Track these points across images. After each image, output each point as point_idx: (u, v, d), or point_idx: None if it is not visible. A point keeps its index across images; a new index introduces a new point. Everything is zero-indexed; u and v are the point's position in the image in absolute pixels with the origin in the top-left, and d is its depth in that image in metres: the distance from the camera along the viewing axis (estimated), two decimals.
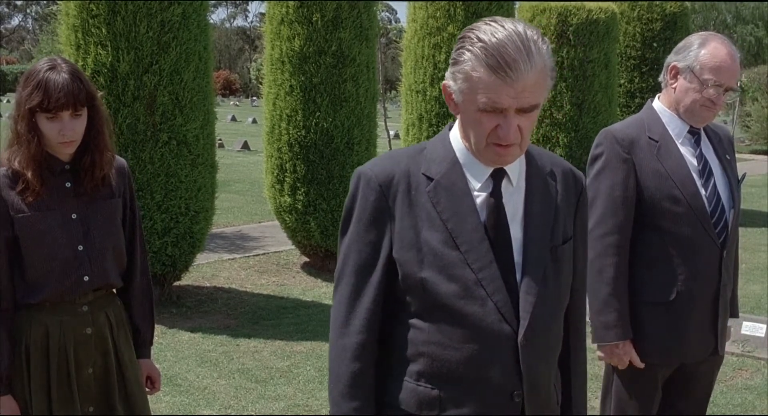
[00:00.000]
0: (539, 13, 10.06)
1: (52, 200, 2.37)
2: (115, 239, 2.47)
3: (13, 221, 2.32)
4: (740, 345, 5.65)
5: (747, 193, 14.42)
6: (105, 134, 2.41)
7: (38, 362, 2.37)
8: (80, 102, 2.29)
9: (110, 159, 2.44)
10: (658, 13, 11.40)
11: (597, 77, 10.06)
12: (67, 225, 2.37)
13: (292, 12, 7.19)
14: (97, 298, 2.46)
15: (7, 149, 2.37)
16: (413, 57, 8.55)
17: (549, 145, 10.12)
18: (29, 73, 2.31)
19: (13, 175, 2.33)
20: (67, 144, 2.33)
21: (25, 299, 2.37)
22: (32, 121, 2.29)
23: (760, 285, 7.70)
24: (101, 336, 2.45)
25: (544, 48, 1.64)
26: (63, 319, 2.39)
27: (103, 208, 2.44)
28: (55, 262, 2.36)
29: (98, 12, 5.71)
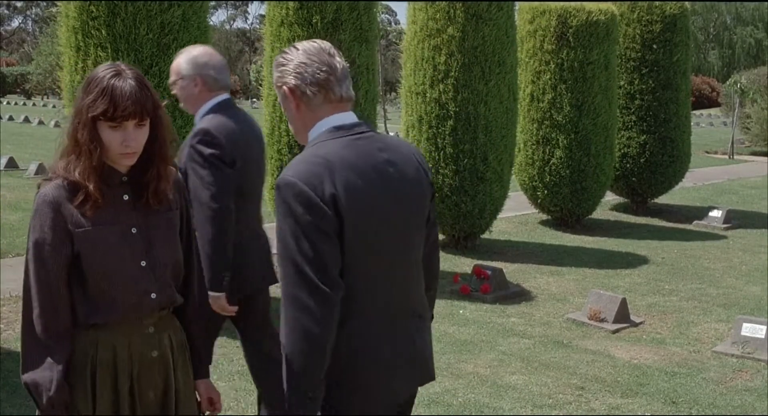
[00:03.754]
0: (539, 14, 10.07)
1: (111, 214, 2.22)
2: (176, 254, 2.36)
3: (72, 236, 2.18)
4: (740, 346, 5.65)
5: (747, 194, 14.43)
6: (168, 145, 2.29)
7: (106, 384, 2.24)
8: (146, 111, 2.16)
9: (172, 171, 2.33)
10: (657, 15, 11.40)
11: (597, 79, 10.06)
12: (128, 239, 2.24)
13: (292, 14, 7.19)
14: (162, 319, 2.33)
15: (63, 158, 2.21)
16: (413, 59, 8.56)
17: (549, 147, 10.13)
18: (91, 79, 2.17)
19: (71, 186, 2.18)
20: (129, 155, 2.19)
21: (89, 318, 2.22)
22: (94, 129, 2.15)
23: (760, 286, 7.70)
24: (164, 359, 2.33)
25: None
26: (132, 341, 2.26)
27: (163, 222, 2.32)
28: (120, 279, 2.22)
29: (98, 14, 5.71)
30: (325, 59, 2.23)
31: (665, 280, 7.90)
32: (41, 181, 2.24)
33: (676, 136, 11.59)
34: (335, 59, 2.24)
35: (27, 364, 2.21)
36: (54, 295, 2.18)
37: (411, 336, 2.33)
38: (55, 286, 2.18)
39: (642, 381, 5.10)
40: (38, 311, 2.17)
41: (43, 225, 2.17)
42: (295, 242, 2.09)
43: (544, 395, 4.82)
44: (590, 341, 5.91)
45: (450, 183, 8.38)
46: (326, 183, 2.10)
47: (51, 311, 2.18)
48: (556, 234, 10.19)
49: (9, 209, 10.56)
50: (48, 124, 27.60)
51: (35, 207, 2.20)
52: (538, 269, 8.23)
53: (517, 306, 6.79)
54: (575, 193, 10.17)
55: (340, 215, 2.11)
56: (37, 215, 2.18)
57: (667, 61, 11.43)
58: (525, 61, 10.10)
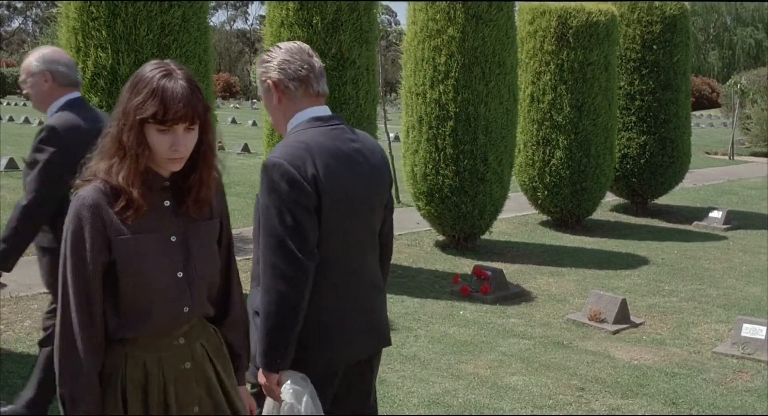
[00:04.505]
0: (539, 15, 10.07)
1: (151, 220, 2.10)
2: (215, 265, 2.24)
3: (111, 243, 2.06)
4: (740, 347, 5.65)
5: (747, 195, 14.43)
6: (213, 151, 2.16)
7: (137, 404, 2.12)
8: (197, 115, 2.04)
9: (215, 178, 2.19)
10: (657, 16, 11.40)
11: (597, 79, 10.06)
12: (167, 249, 2.12)
13: (292, 14, 7.19)
14: (192, 328, 2.21)
15: (104, 161, 2.08)
16: (413, 59, 8.56)
17: (549, 147, 10.13)
18: (139, 79, 2.07)
19: (112, 191, 2.05)
20: (176, 160, 2.07)
21: (118, 333, 2.10)
22: (141, 132, 2.03)
23: (760, 287, 7.70)
24: (201, 369, 2.20)
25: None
26: (161, 355, 2.13)
27: (203, 230, 2.20)
28: (155, 292, 2.10)
29: (98, 14, 5.71)
30: (305, 58, 2.54)
31: (665, 281, 7.90)
32: (78, 182, 2.12)
33: (676, 136, 11.59)
34: (313, 59, 2.56)
35: (63, 377, 2.08)
36: (91, 305, 2.07)
37: (371, 305, 2.64)
38: (93, 295, 2.07)
39: (642, 382, 5.10)
40: (77, 321, 2.05)
41: (82, 231, 2.04)
42: (279, 215, 2.37)
43: (545, 396, 4.82)
44: (590, 342, 5.90)
45: (450, 183, 8.38)
46: (308, 164, 2.39)
47: (88, 321, 2.06)
48: (556, 234, 10.19)
49: (9, 209, 10.54)
50: None
51: (73, 210, 2.06)
52: (538, 270, 8.23)
53: (517, 307, 6.79)
54: (575, 194, 10.17)
55: (318, 193, 2.40)
56: (75, 219, 2.05)
57: (667, 61, 11.43)
58: (525, 61, 10.10)
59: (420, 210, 8.89)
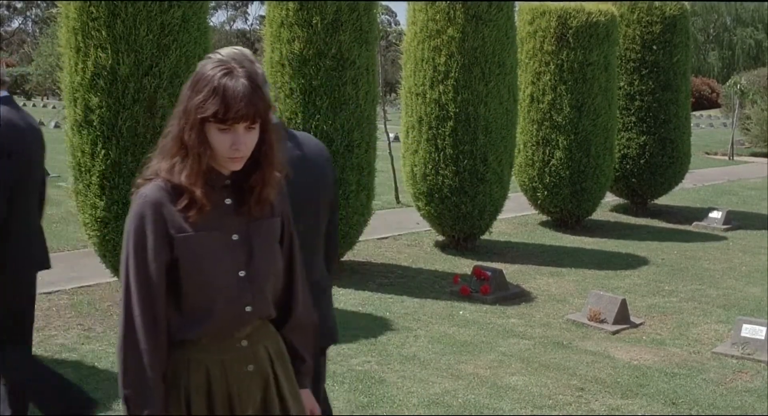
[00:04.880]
0: (539, 15, 10.07)
1: (213, 218, 2.08)
2: (276, 264, 2.20)
3: (173, 241, 2.05)
4: (740, 347, 5.65)
5: (747, 195, 14.43)
6: (275, 150, 2.13)
7: (200, 409, 2.09)
8: (258, 114, 2.01)
9: (277, 177, 2.17)
10: (657, 16, 11.40)
11: (597, 80, 10.06)
12: (229, 247, 2.10)
13: (292, 15, 7.19)
14: (255, 330, 2.17)
15: (166, 160, 2.07)
16: (413, 60, 8.56)
17: (549, 148, 10.13)
18: (199, 77, 2.04)
19: (174, 189, 2.04)
20: (237, 159, 2.05)
21: (180, 334, 2.08)
22: (202, 131, 2.01)
23: (760, 287, 7.70)
24: (262, 372, 2.17)
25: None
26: (224, 358, 2.11)
27: (265, 229, 2.17)
28: (217, 290, 2.08)
29: (98, 14, 5.71)
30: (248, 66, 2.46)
31: (665, 281, 7.90)
32: (139, 180, 2.11)
33: (675, 137, 11.59)
34: (255, 65, 2.46)
35: (127, 378, 2.04)
36: (154, 304, 2.04)
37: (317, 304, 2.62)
38: (156, 295, 2.04)
39: (642, 382, 5.10)
40: (140, 321, 2.03)
41: (144, 229, 2.04)
42: None
43: (544, 396, 4.82)
44: (590, 342, 5.90)
45: (450, 184, 8.38)
46: None
47: (153, 322, 2.04)
48: (556, 235, 10.18)
49: None
50: (48, 125, 27.57)
51: (135, 208, 2.07)
52: (537, 270, 8.23)
53: (516, 307, 6.79)
54: (575, 194, 10.17)
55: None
56: (137, 218, 2.05)
57: (667, 62, 11.43)
58: (525, 62, 10.10)
59: (420, 211, 8.89)
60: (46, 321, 5.91)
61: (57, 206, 10.85)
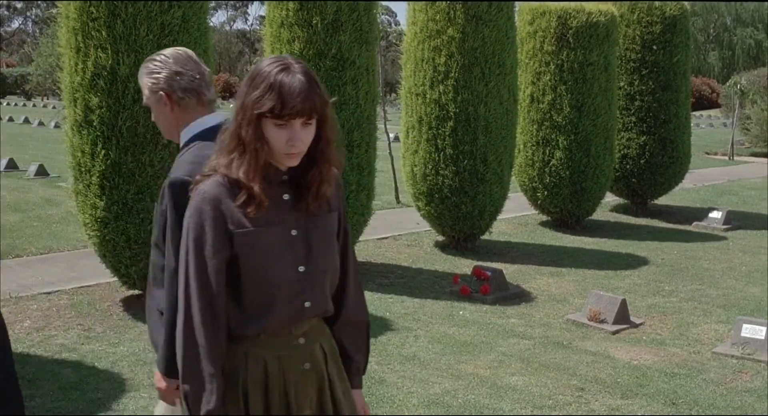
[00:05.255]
0: (539, 15, 10.07)
1: (271, 214, 2.08)
2: (334, 259, 2.20)
3: (232, 236, 2.04)
4: (740, 347, 5.65)
5: (747, 195, 14.43)
6: (332, 146, 2.12)
7: (258, 404, 2.08)
8: (315, 109, 2.01)
9: (334, 173, 2.16)
10: (657, 16, 11.40)
11: (597, 80, 10.06)
12: (288, 242, 2.09)
13: (292, 15, 7.19)
14: (311, 328, 2.17)
15: (224, 155, 2.07)
16: (413, 60, 8.56)
17: (549, 148, 10.13)
18: (256, 73, 2.03)
19: (232, 184, 2.05)
20: (293, 155, 2.04)
21: (240, 330, 2.08)
22: (259, 127, 2.01)
23: (759, 287, 7.70)
24: (318, 371, 2.17)
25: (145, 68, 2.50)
26: (281, 354, 2.11)
27: (323, 224, 2.17)
28: (277, 286, 2.07)
29: (98, 15, 5.71)
30: (194, 66, 2.55)
31: (665, 281, 7.90)
32: (198, 176, 2.10)
33: (675, 137, 11.59)
34: (201, 66, 2.54)
35: (186, 374, 2.05)
36: (215, 301, 2.04)
37: None
38: (216, 291, 2.04)
39: (642, 383, 5.10)
40: (199, 317, 2.03)
41: (203, 225, 2.04)
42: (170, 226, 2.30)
43: (544, 396, 4.82)
44: (590, 342, 5.90)
45: (450, 184, 8.38)
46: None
47: (212, 317, 2.04)
48: (556, 235, 10.18)
49: (9, 210, 10.55)
50: (48, 125, 27.61)
51: (193, 204, 2.06)
52: (537, 270, 8.23)
53: (516, 308, 6.79)
54: (575, 194, 10.17)
55: None
56: (196, 213, 2.05)
57: (667, 62, 11.43)
58: (525, 62, 10.10)
59: (420, 211, 8.89)
60: (46, 321, 5.91)
61: (57, 206, 10.85)
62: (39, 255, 8.23)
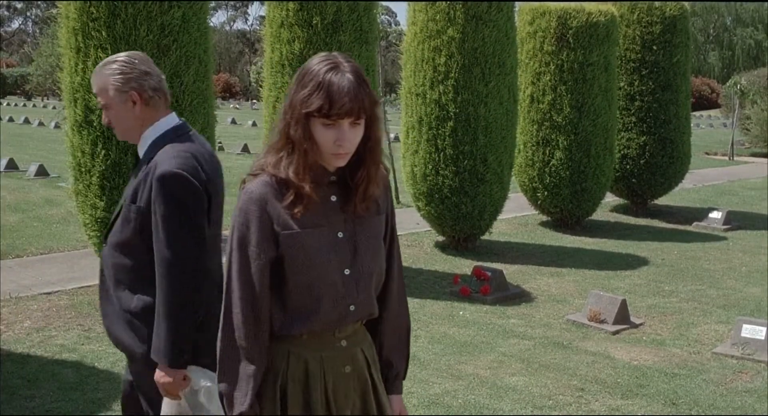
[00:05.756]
0: (539, 15, 10.07)
1: (318, 216, 2.05)
2: (381, 262, 2.17)
3: (278, 237, 2.02)
4: (740, 347, 5.65)
5: (747, 195, 14.43)
6: (380, 146, 2.11)
7: (297, 403, 2.07)
8: (363, 109, 1.98)
9: (382, 174, 2.15)
10: (657, 16, 11.41)
11: (597, 80, 10.06)
12: (334, 244, 2.07)
13: (292, 15, 7.19)
14: (354, 332, 2.15)
15: (272, 154, 2.05)
16: (413, 60, 8.56)
17: (549, 148, 10.13)
18: (305, 72, 2.00)
19: (280, 184, 2.02)
20: (341, 156, 2.01)
21: (284, 330, 2.06)
22: (307, 126, 1.98)
23: (760, 287, 7.70)
24: (360, 375, 2.15)
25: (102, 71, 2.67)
26: (324, 355, 2.09)
27: (370, 226, 2.14)
28: (322, 288, 2.04)
29: (98, 15, 5.71)
30: (156, 68, 2.70)
31: (665, 281, 7.90)
32: (246, 176, 2.09)
33: (675, 137, 11.59)
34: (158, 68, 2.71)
35: (223, 373, 2.05)
36: (257, 301, 2.02)
37: None
38: (258, 292, 2.02)
39: (642, 383, 5.10)
40: (241, 317, 2.02)
41: (249, 225, 2.02)
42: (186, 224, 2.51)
43: (544, 396, 4.82)
44: (590, 342, 5.90)
45: (450, 184, 8.38)
46: (200, 171, 2.57)
47: (253, 318, 2.02)
48: (556, 235, 10.19)
49: (9, 210, 10.55)
50: (48, 126, 27.61)
51: (240, 204, 2.04)
52: (538, 270, 8.23)
53: (517, 308, 6.79)
54: (575, 195, 10.17)
55: (209, 195, 2.60)
56: (242, 213, 2.03)
57: (667, 62, 11.43)
58: (525, 62, 10.10)
59: (420, 211, 8.89)
60: (46, 322, 5.91)
61: (57, 206, 10.85)
62: (39, 255, 8.23)
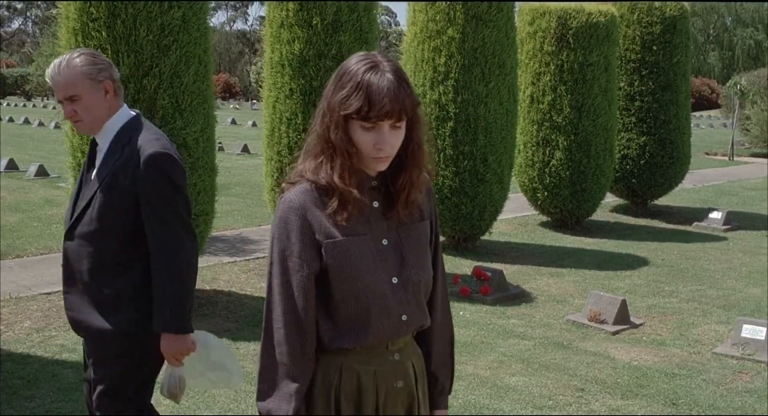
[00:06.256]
0: (539, 16, 10.08)
1: (361, 223, 1.96)
2: (428, 270, 2.07)
3: (321, 247, 1.92)
4: (740, 348, 5.65)
5: (747, 196, 14.43)
6: (423, 149, 1.99)
7: None
8: (404, 111, 1.87)
9: (425, 179, 2.05)
10: (657, 16, 11.41)
11: (597, 80, 10.06)
12: (380, 252, 1.97)
13: (292, 15, 7.19)
14: (405, 345, 2.06)
15: (310, 160, 1.95)
16: (413, 60, 8.56)
17: (549, 148, 10.13)
18: (344, 72, 1.91)
19: (320, 191, 1.92)
20: (381, 159, 1.91)
21: (335, 343, 1.96)
22: (346, 129, 1.89)
23: (760, 288, 7.70)
24: (410, 390, 2.06)
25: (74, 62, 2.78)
26: (377, 369, 1.99)
27: (415, 233, 2.05)
28: (371, 298, 1.94)
29: (98, 15, 5.70)
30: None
31: (665, 282, 7.90)
32: (284, 184, 1.99)
33: (675, 137, 11.59)
34: None
35: (263, 390, 1.95)
36: (300, 315, 1.92)
37: None
38: (301, 305, 1.92)
39: (642, 383, 5.10)
40: (282, 332, 1.92)
41: (289, 235, 1.92)
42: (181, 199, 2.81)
43: (544, 396, 4.82)
44: (590, 342, 5.90)
45: (450, 184, 8.39)
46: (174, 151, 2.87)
47: (296, 333, 1.92)
48: (556, 235, 10.19)
49: (9, 211, 10.56)
50: (48, 126, 27.61)
51: (279, 213, 1.94)
52: (538, 271, 8.23)
53: (517, 308, 6.79)
54: (575, 195, 10.17)
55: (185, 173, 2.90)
56: (281, 223, 1.93)
57: (667, 62, 11.44)
58: (525, 62, 10.10)
59: None
60: (46, 322, 5.91)
61: (57, 206, 10.85)
62: (39, 255, 8.23)
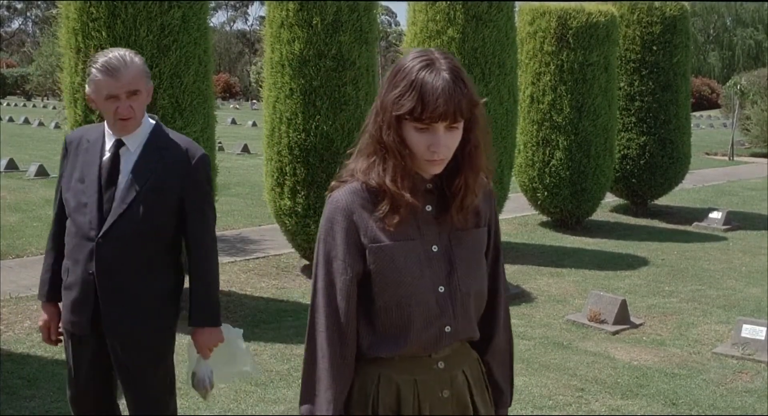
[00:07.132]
0: (539, 16, 10.08)
1: (411, 227, 1.87)
2: (481, 280, 1.97)
3: (366, 251, 1.85)
4: (740, 347, 5.65)
5: (747, 196, 14.43)
6: (481, 151, 1.91)
7: None
8: (460, 112, 1.78)
9: (484, 182, 1.99)
10: (657, 17, 11.41)
11: (597, 80, 10.06)
12: (428, 259, 1.88)
13: (292, 15, 7.19)
14: (454, 352, 1.94)
15: (362, 159, 1.88)
16: None
17: (549, 148, 10.13)
18: (398, 69, 1.83)
19: (370, 192, 1.85)
20: (435, 162, 1.83)
21: (373, 350, 1.89)
22: (399, 129, 1.80)
23: (760, 288, 7.70)
24: (460, 400, 1.95)
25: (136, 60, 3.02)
26: (417, 378, 1.90)
27: (469, 240, 1.95)
28: (414, 307, 1.86)
29: (98, 15, 5.71)
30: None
31: (665, 282, 7.90)
32: (333, 183, 1.92)
33: (676, 137, 11.59)
34: None
35: (306, 394, 1.90)
36: (342, 319, 1.86)
37: None
38: (344, 309, 1.86)
39: (642, 383, 5.10)
40: (324, 336, 1.86)
41: (335, 236, 1.86)
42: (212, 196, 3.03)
43: (544, 396, 4.82)
44: (590, 342, 5.90)
45: None
46: None
47: (338, 337, 1.86)
48: (556, 235, 10.19)
49: (9, 211, 10.56)
50: (48, 126, 27.61)
51: (326, 213, 1.89)
52: (538, 270, 8.23)
53: (517, 308, 6.79)
54: (575, 195, 10.17)
55: None
56: (327, 223, 1.87)
57: (667, 62, 11.43)
58: (525, 62, 10.10)
59: None
60: None
61: None
62: (39, 255, 8.23)
